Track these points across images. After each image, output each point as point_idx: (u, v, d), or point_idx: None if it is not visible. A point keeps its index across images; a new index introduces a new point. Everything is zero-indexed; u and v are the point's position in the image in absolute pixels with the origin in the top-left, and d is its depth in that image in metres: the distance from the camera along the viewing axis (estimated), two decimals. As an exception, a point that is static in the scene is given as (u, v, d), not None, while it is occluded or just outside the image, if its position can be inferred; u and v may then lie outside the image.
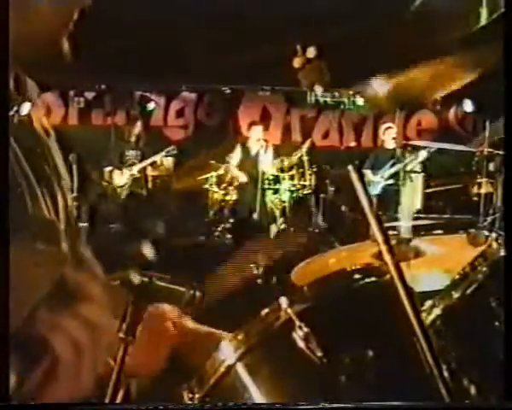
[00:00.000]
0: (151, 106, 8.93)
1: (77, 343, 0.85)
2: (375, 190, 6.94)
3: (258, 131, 7.66)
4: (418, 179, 6.64)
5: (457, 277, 1.23)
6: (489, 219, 4.99)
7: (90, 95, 9.09)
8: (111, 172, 7.38)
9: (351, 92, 7.55)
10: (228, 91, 9.22)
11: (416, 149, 6.88)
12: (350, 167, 1.05)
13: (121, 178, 7.35)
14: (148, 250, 1.08)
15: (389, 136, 7.46)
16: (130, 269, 1.04)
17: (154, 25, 6.52)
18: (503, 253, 1.22)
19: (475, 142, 6.46)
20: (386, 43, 5.69)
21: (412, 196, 6.45)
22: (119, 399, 1.00)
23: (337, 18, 5.78)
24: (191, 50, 7.31)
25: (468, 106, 8.73)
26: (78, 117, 9.15)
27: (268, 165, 7.52)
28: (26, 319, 0.84)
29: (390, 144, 7.40)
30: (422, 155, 6.68)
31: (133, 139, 7.49)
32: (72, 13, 1.10)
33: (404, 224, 5.63)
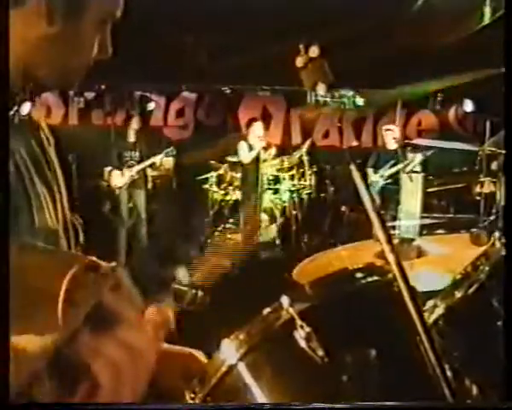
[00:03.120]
0: (151, 106, 8.92)
1: (117, 367, 0.85)
2: (375, 189, 6.93)
3: (258, 127, 7.57)
4: (418, 179, 6.64)
5: (459, 276, 1.23)
6: (491, 218, 4.97)
7: (90, 95, 9.09)
8: (110, 172, 7.36)
9: (351, 92, 7.56)
10: (228, 91, 9.22)
11: (417, 148, 6.88)
12: (352, 166, 1.04)
13: (120, 178, 7.33)
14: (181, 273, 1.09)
15: (390, 136, 7.44)
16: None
17: (154, 24, 6.52)
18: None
19: (476, 141, 6.46)
20: (389, 43, 5.68)
21: (413, 196, 6.45)
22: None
23: (339, 17, 5.77)
24: (192, 50, 7.30)
25: (468, 106, 8.73)
26: (78, 117, 9.15)
27: (268, 165, 7.50)
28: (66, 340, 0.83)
29: (391, 145, 7.38)
30: (423, 154, 6.68)
31: (132, 137, 7.40)
32: (90, 63, 1.13)
33: (405, 223, 5.63)
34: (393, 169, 6.99)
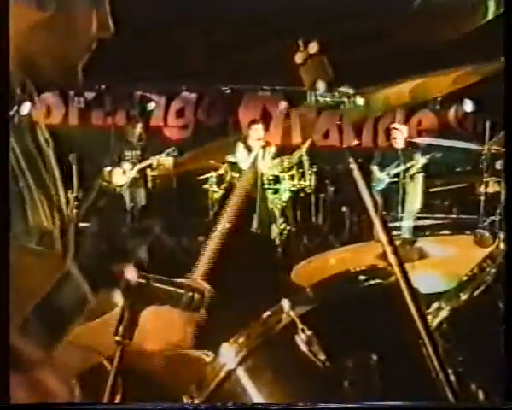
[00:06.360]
0: (151, 106, 8.90)
1: None
2: (380, 187, 6.87)
3: (258, 129, 7.56)
4: (420, 179, 6.61)
5: (465, 278, 1.21)
6: (496, 218, 4.93)
7: (89, 95, 9.06)
8: (110, 172, 7.35)
9: (351, 92, 7.54)
10: (228, 91, 9.20)
11: (421, 148, 6.84)
12: (353, 166, 1.02)
13: (121, 178, 7.32)
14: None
15: (396, 136, 7.35)
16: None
17: (154, 24, 6.51)
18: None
19: (476, 141, 6.43)
20: (389, 40, 5.66)
21: (415, 197, 6.42)
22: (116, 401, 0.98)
23: (339, 14, 5.75)
24: (191, 50, 7.29)
25: (468, 106, 8.70)
26: (78, 117, 9.13)
27: (268, 165, 7.47)
28: None
29: (397, 144, 7.30)
30: (428, 155, 6.65)
31: (134, 140, 7.45)
32: (92, 43, 1.10)
33: (407, 224, 5.61)
34: (400, 168, 6.92)
